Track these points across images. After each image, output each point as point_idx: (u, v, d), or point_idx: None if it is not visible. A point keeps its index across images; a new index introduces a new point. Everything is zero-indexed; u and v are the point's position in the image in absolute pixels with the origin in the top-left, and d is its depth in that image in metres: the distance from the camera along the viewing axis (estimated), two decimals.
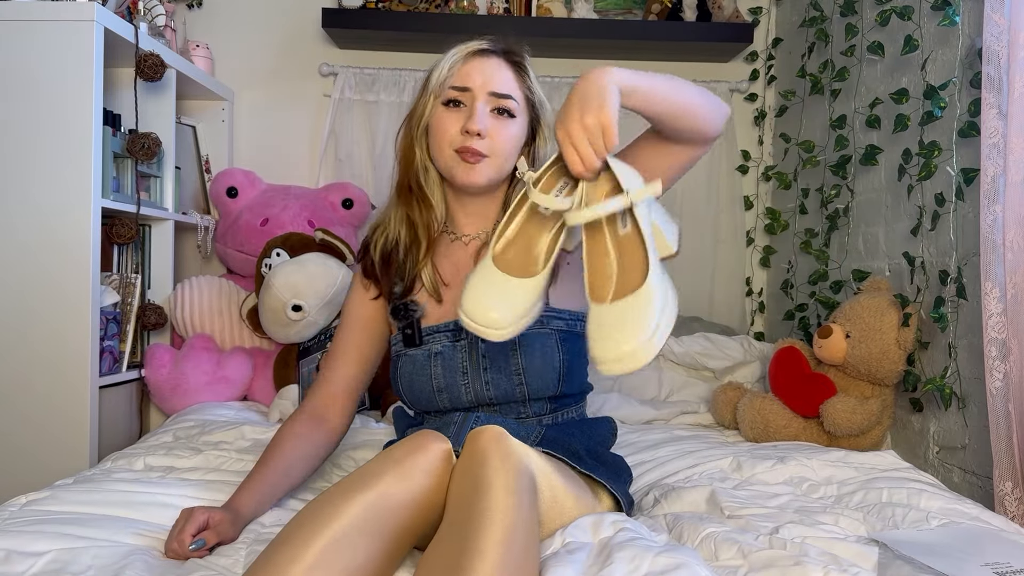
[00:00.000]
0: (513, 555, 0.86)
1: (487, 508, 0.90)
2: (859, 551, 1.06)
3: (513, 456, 0.97)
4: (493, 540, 0.86)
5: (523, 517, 0.91)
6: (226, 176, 2.32)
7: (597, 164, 1.02)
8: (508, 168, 1.29)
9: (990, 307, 1.36)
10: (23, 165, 1.74)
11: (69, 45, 1.74)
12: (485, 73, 1.26)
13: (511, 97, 1.27)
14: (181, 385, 1.97)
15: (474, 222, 1.34)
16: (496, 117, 1.26)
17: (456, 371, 1.26)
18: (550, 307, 1.27)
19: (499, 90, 1.26)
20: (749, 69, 2.55)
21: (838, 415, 1.68)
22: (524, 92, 1.30)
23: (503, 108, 1.26)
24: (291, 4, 2.52)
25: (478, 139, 1.23)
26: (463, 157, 1.24)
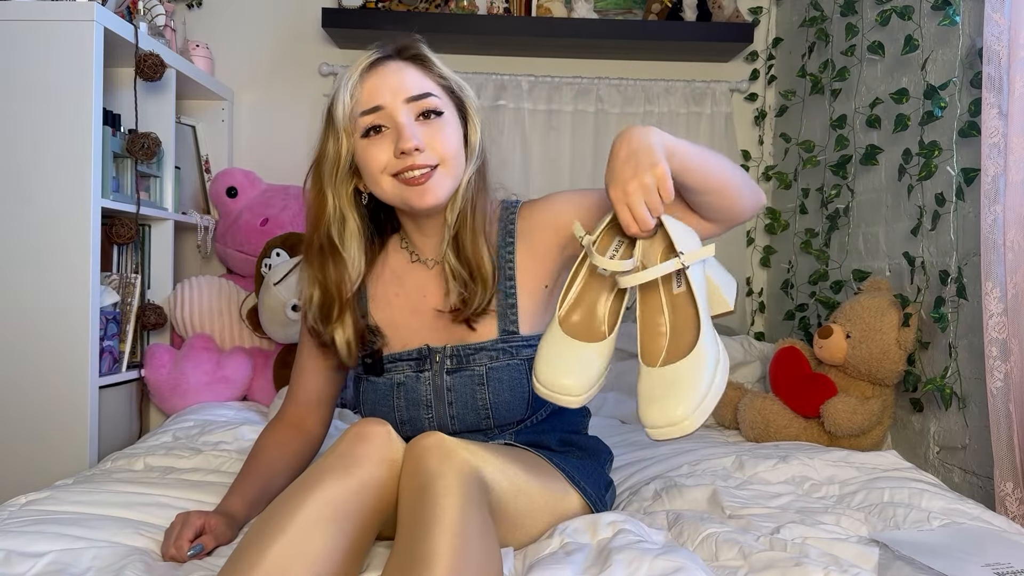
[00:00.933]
0: (465, 556, 0.85)
1: (432, 512, 0.89)
2: (860, 551, 1.06)
3: (454, 457, 0.96)
4: (443, 543, 0.85)
5: (473, 516, 0.90)
6: (226, 176, 2.32)
7: (652, 224, 1.00)
8: (460, 171, 1.18)
9: (991, 307, 1.36)
10: (23, 165, 1.74)
11: (69, 45, 1.74)
12: (391, 83, 1.14)
13: (430, 94, 1.15)
14: (181, 385, 1.97)
15: (433, 244, 1.23)
16: (424, 122, 1.14)
17: (419, 404, 1.21)
18: (520, 336, 1.20)
19: (413, 92, 1.14)
20: (749, 69, 2.55)
21: (839, 415, 1.68)
22: (438, 83, 1.18)
23: (427, 110, 1.14)
24: (291, 4, 2.52)
25: (418, 155, 1.12)
26: (408, 183, 1.13)
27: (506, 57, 2.55)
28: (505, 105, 2.49)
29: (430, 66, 1.19)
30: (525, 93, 2.50)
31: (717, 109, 2.52)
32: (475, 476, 0.96)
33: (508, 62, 2.55)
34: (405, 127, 1.12)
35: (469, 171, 1.20)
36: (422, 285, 1.24)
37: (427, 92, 1.15)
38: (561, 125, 2.53)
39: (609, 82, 2.50)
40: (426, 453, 0.97)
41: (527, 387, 1.19)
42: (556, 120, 2.52)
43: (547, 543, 1.05)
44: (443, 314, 1.21)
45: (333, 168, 1.17)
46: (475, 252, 1.18)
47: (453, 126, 1.18)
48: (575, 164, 2.53)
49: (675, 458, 1.55)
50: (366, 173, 1.16)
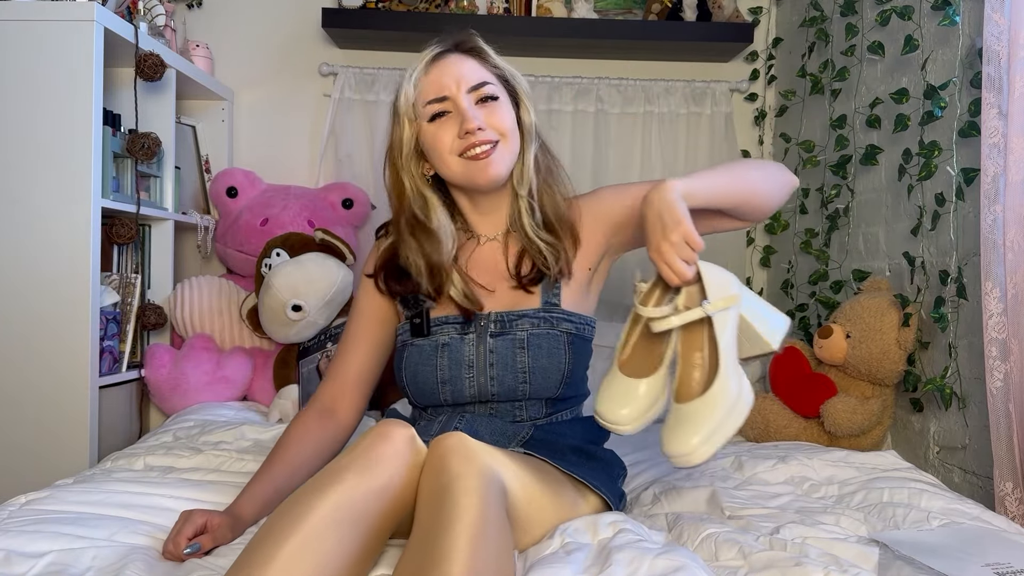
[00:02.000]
0: (483, 556, 0.86)
1: (452, 511, 0.90)
2: (860, 551, 1.06)
3: (476, 459, 0.97)
4: (461, 542, 0.86)
5: (491, 518, 0.91)
6: (226, 176, 2.32)
7: (690, 274, 1.10)
8: (517, 146, 1.31)
9: (990, 307, 1.36)
10: (23, 165, 1.74)
11: (69, 45, 1.74)
12: (453, 74, 1.28)
13: (487, 82, 1.29)
14: (181, 385, 1.97)
15: (489, 221, 1.36)
16: (483, 106, 1.28)
17: (462, 364, 1.27)
18: (561, 309, 1.29)
19: (473, 82, 1.28)
20: (749, 69, 2.54)
21: (839, 415, 1.68)
22: (493, 72, 1.32)
23: (486, 96, 1.28)
24: (291, 4, 2.52)
25: (480, 133, 1.25)
26: (473, 158, 1.25)
27: (506, 57, 2.53)
28: None
29: (486, 57, 1.33)
30: None
31: (717, 109, 2.52)
32: (495, 479, 0.98)
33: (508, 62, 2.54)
34: (468, 111, 1.25)
35: (532, 148, 1.33)
36: (478, 259, 1.35)
37: (484, 81, 1.29)
38: (561, 125, 2.52)
39: (609, 82, 2.50)
40: (449, 453, 0.98)
41: (563, 358, 1.28)
42: (556, 120, 2.52)
43: (548, 543, 1.05)
44: (491, 285, 1.31)
45: (401, 153, 1.31)
46: (556, 211, 1.33)
47: (507, 107, 1.30)
48: (575, 164, 2.53)
49: None
50: (434, 154, 1.29)
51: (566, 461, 1.21)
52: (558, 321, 1.29)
